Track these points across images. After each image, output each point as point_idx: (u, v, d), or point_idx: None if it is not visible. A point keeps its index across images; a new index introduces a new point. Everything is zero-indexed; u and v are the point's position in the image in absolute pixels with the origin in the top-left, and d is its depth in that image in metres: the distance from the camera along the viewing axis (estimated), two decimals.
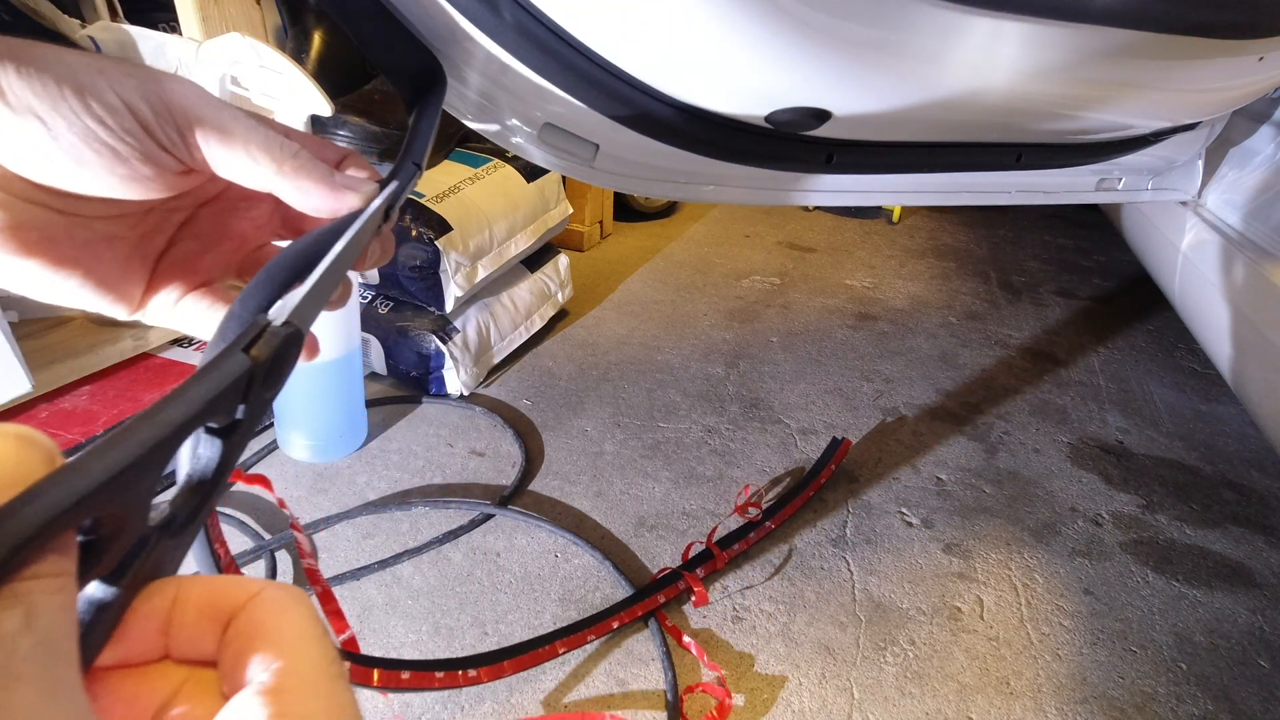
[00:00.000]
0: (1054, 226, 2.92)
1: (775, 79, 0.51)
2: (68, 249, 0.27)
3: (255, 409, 0.22)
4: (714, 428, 1.56)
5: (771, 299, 2.17)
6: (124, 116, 0.25)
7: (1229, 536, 1.34)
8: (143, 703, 0.18)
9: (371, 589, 1.12)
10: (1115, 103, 0.69)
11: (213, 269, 0.32)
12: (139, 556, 0.18)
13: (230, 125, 0.27)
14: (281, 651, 0.18)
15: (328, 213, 0.30)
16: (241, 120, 0.27)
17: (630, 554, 1.22)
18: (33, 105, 0.24)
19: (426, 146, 0.37)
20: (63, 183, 0.25)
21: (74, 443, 1.14)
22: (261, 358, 0.22)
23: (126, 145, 0.25)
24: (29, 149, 0.24)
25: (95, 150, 0.25)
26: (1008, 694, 1.03)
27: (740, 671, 1.04)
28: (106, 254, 0.28)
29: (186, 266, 0.32)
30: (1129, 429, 1.64)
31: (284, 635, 0.18)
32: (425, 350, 1.54)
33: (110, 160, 0.25)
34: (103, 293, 0.29)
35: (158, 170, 0.26)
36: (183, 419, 0.19)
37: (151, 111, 0.25)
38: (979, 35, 0.51)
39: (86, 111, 0.24)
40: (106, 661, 0.18)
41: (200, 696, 0.18)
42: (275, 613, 0.18)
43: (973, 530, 1.32)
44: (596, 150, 0.60)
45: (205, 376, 0.20)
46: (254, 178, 0.28)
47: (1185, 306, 1.33)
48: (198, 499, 0.21)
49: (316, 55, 1.42)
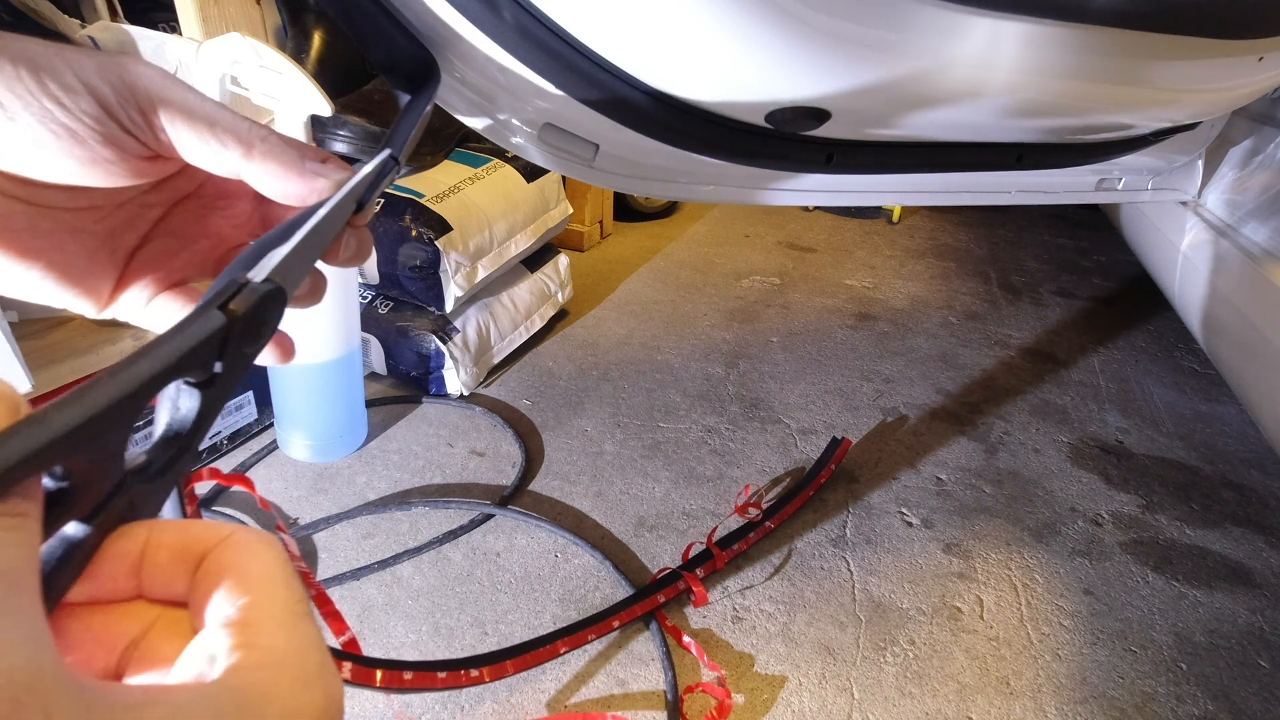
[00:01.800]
0: (1054, 226, 2.92)
1: (775, 79, 0.51)
2: (29, 239, 0.27)
3: (234, 364, 0.23)
4: (714, 428, 1.56)
5: (771, 299, 2.17)
6: (82, 97, 0.24)
7: (1229, 536, 1.34)
8: (113, 638, 0.18)
9: (371, 589, 1.12)
10: (1115, 103, 0.69)
11: (188, 268, 0.32)
12: (112, 500, 0.19)
13: (196, 107, 0.26)
14: (248, 589, 0.18)
15: (297, 199, 0.30)
16: (208, 103, 0.27)
17: (630, 554, 1.22)
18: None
19: (405, 140, 0.37)
20: (22, 167, 0.25)
21: None
22: (239, 312, 0.22)
23: (85, 126, 0.25)
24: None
25: (53, 132, 0.24)
26: (1008, 694, 1.03)
27: (740, 671, 1.04)
28: (72, 246, 0.28)
29: (160, 264, 0.31)
30: (1129, 429, 1.64)
31: (251, 574, 0.18)
32: (425, 350, 1.54)
33: (69, 142, 0.25)
34: (67, 286, 0.28)
35: (120, 154, 0.26)
36: (151, 374, 0.19)
37: (113, 92, 0.25)
38: (979, 35, 0.51)
39: (43, 91, 0.24)
40: (78, 598, 0.18)
41: (170, 634, 0.18)
42: (244, 553, 0.19)
43: (973, 530, 1.32)
44: (596, 150, 0.60)
45: (179, 332, 0.21)
46: (222, 162, 0.27)
47: (1185, 306, 1.33)
48: (175, 449, 0.22)
49: (316, 55, 1.42)
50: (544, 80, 0.49)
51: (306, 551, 1.18)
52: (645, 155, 0.61)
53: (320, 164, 0.29)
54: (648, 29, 0.46)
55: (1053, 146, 0.81)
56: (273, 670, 0.16)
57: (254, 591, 0.18)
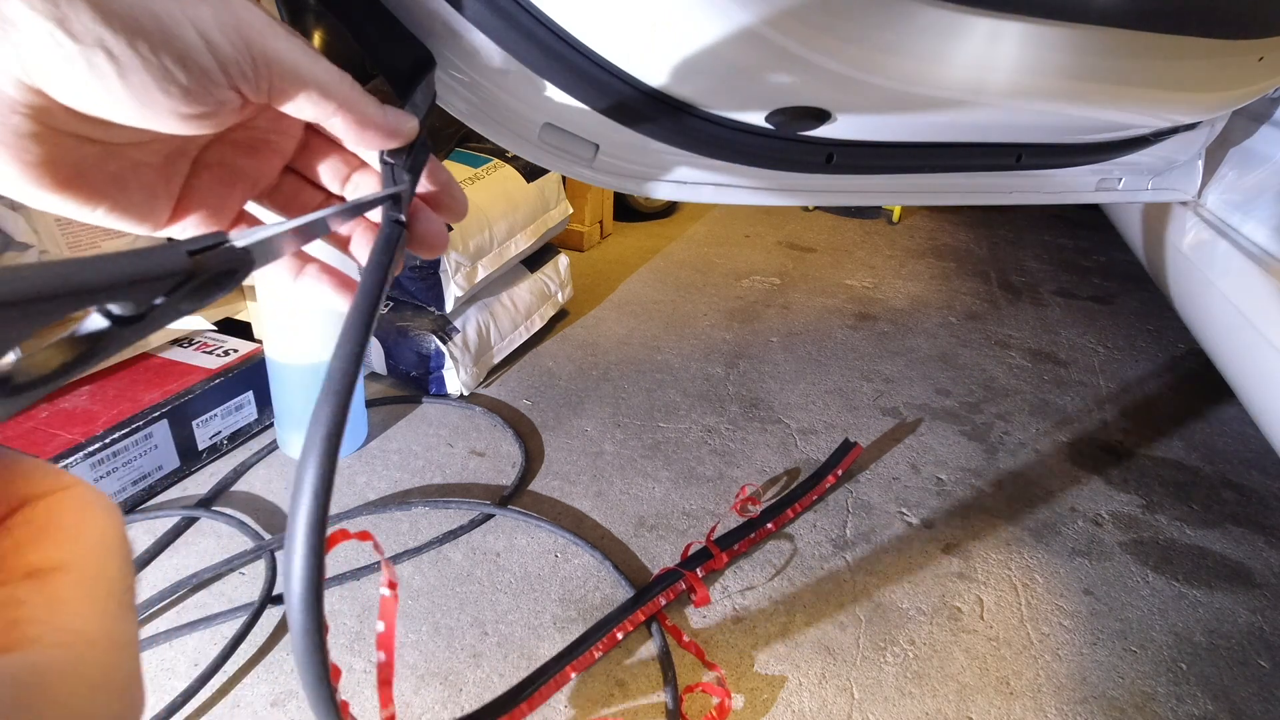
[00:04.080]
0: (1054, 226, 2.92)
1: (775, 79, 0.51)
2: (99, 182, 0.26)
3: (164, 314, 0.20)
4: (714, 428, 1.56)
5: (771, 299, 2.17)
6: (203, 55, 0.23)
7: (1229, 536, 1.34)
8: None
9: (371, 589, 1.12)
10: (1115, 103, 0.69)
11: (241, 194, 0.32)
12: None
13: (303, 63, 0.26)
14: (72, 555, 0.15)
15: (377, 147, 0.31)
16: (309, 55, 0.27)
17: (630, 554, 1.22)
18: (103, 39, 0.21)
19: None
20: (118, 118, 0.24)
21: (74, 442, 1.14)
22: (205, 265, 0.21)
23: (201, 85, 0.24)
24: (89, 84, 0.22)
25: (165, 91, 0.23)
26: (1008, 694, 1.03)
27: (740, 671, 1.04)
28: (133, 183, 0.27)
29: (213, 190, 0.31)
30: (1129, 429, 1.64)
31: (82, 539, 0.15)
32: (425, 350, 1.54)
33: (179, 101, 0.24)
34: (128, 217, 0.28)
35: (220, 108, 0.25)
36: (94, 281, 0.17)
37: (232, 50, 0.24)
38: (979, 36, 0.51)
39: (166, 49, 0.22)
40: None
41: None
42: (81, 512, 0.16)
43: (973, 530, 1.32)
44: (596, 150, 0.60)
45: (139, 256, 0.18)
46: (314, 114, 0.28)
47: (1185, 306, 1.33)
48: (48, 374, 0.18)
49: None
50: (543, 80, 0.49)
51: None
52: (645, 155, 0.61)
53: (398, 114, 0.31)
54: (648, 29, 0.46)
55: (1052, 146, 0.81)
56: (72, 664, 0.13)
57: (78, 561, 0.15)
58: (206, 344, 1.44)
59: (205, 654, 1.00)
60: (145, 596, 1.07)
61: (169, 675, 0.98)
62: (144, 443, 1.23)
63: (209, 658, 0.99)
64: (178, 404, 1.27)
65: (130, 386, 1.29)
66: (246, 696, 0.96)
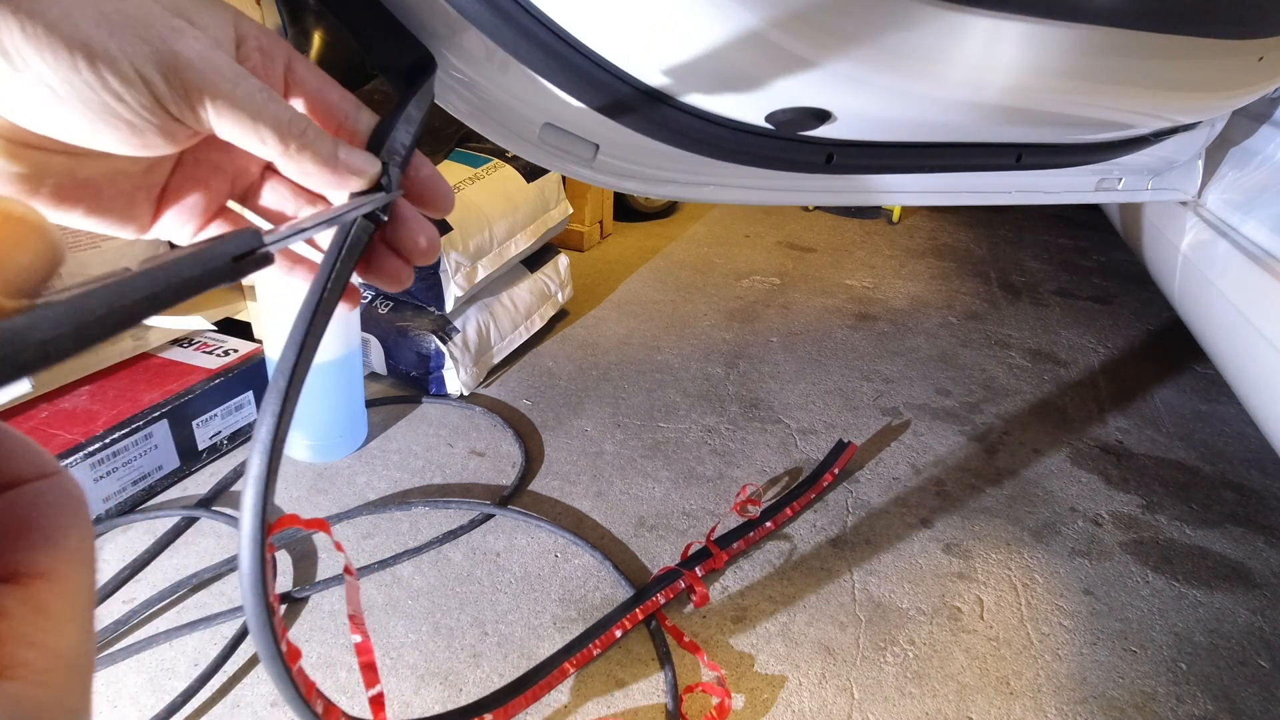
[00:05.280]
0: (1054, 226, 2.92)
1: (776, 79, 0.51)
2: (69, 187, 0.27)
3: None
4: (714, 428, 1.56)
5: (771, 299, 2.17)
6: (138, 90, 0.24)
7: (1229, 536, 1.34)
8: None
9: (371, 589, 1.12)
10: (1115, 103, 0.69)
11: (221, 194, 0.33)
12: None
13: (242, 100, 0.26)
14: (56, 562, 0.15)
15: (328, 190, 0.31)
16: (253, 91, 0.27)
17: (630, 554, 1.22)
18: (42, 74, 0.23)
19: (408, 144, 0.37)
20: (73, 139, 0.25)
21: (74, 443, 1.14)
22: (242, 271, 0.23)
23: (140, 118, 0.25)
24: (37, 112, 0.24)
25: (109, 123, 0.25)
26: (1008, 694, 1.03)
27: (740, 671, 1.04)
28: (109, 188, 0.28)
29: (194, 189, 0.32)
30: (1129, 429, 1.64)
31: (64, 542, 0.15)
32: (425, 350, 1.54)
33: (125, 131, 0.25)
34: (108, 220, 0.29)
35: (166, 134, 0.26)
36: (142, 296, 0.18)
37: (165, 85, 0.25)
38: (979, 35, 0.51)
39: (101, 85, 0.24)
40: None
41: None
42: (60, 508, 0.15)
43: (973, 530, 1.32)
44: (596, 150, 0.60)
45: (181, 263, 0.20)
46: (260, 152, 0.28)
47: (1185, 306, 1.33)
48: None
49: (316, 55, 1.42)
50: (543, 80, 0.49)
51: (306, 552, 1.18)
52: (645, 155, 0.61)
53: (352, 161, 0.30)
54: (648, 28, 0.46)
55: (1053, 146, 0.81)
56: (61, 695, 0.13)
57: (60, 570, 0.14)
58: (206, 344, 1.44)
59: (205, 654, 1.00)
60: (145, 596, 1.07)
61: (169, 675, 0.98)
62: (144, 443, 1.23)
63: (209, 658, 0.99)
64: (178, 404, 1.27)
65: (130, 386, 1.29)
66: (246, 696, 0.96)
